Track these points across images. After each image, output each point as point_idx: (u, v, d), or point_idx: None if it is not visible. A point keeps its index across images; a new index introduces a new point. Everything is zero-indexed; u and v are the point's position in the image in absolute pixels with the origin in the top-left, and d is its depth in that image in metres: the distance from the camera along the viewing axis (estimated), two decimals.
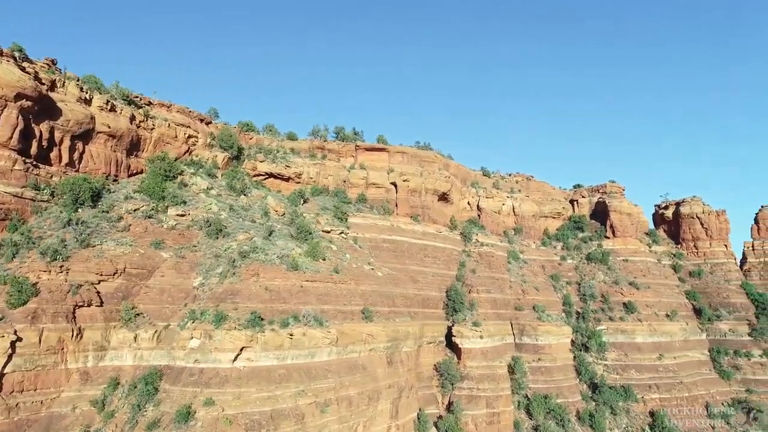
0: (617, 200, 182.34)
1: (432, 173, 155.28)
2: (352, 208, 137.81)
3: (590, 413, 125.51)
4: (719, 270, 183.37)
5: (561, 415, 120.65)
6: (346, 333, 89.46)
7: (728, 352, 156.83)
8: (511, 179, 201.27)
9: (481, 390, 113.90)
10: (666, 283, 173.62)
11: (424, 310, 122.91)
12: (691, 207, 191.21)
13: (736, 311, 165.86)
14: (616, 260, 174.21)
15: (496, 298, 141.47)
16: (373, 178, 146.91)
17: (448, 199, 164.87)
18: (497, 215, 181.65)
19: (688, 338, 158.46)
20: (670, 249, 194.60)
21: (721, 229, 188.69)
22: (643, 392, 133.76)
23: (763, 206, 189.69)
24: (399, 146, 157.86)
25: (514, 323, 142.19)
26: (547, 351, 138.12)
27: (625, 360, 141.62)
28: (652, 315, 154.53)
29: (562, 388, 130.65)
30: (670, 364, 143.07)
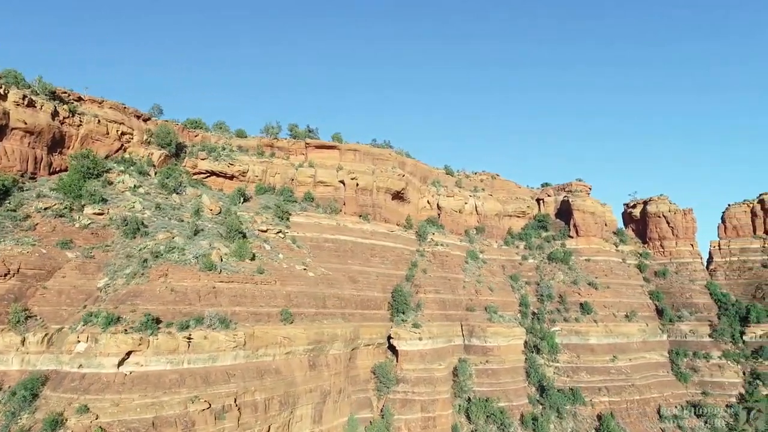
0: (580, 199, 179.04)
1: (385, 171, 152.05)
2: (297, 206, 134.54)
3: (534, 417, 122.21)
4: (685, 270, 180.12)
5: (502, 419, 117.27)
6: (258, 336, 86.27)
7: (687, 353, 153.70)
8: (476, 178, 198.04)
9: (417, 393, 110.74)
10: (629, 283, 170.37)
11: (363, 311, 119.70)
12: (658, 206, 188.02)
13: (698, 312, 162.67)
14: (579, 260, 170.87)
15: (445, 299, 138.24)
16: (321, 176, 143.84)
17: (404, 197, 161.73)
18: (458, 214, 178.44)
19: (647, 339, 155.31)
20: (637, 248, 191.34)
21: (688, 228, 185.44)
22: (593, 395, 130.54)
23: (729, 205, 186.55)
24: (351, 144, 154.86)
25: (464, 324, 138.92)
26: (495, 353, 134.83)
27: (577, 362, 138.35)
28: (610, 316, 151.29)
29: (508, 391, 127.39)
30: (623, 366, 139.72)
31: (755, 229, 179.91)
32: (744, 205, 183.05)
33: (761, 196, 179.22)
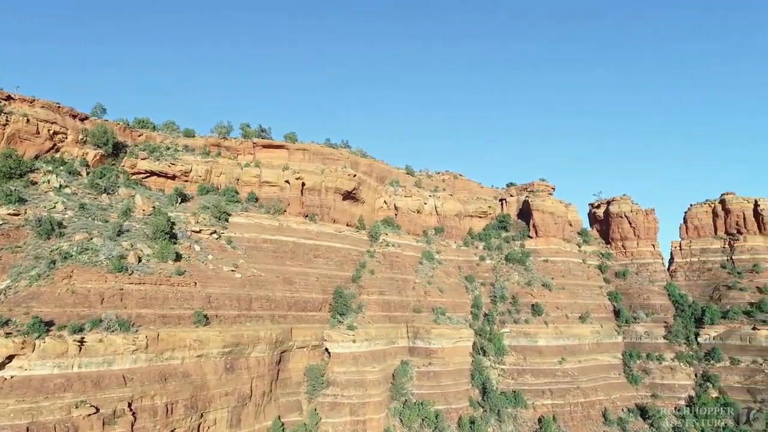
0: (540, 199, 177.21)
1: (334, 171, 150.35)
2: (239, 207, 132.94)
3: (472, 420, 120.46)
4: (645, 270, 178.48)
5: (437, 423, 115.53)
6: (164, 338, 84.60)
7: (641, 355, 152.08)
8: (438, 177, 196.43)
9: (346, 397, 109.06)
10: (587, 284, 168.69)
11: (297, 313, 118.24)
12: (620, 206, 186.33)
13: (655, 313, 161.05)
14: (537, 260, 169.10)
15: (390, 300, 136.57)
16: (266, 176, 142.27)
17: (357, 197, 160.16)
18: (416, 214, 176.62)
19: (601, 341, 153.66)
20: (600, 249, 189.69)
21: (649, 229, 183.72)
22: (536, 398, 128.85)
23: (691, 205, 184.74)
24: (300, 143, 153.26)
25: (410, 326, 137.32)
26: (439, 355, 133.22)
27: (523, 364, 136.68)
28: (562, 317, 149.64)
29: (448, 393, 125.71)
30: (571, 368, 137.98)
31: (716, 229, 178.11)
32: (705, 205, 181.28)
33: (722, 197, 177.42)
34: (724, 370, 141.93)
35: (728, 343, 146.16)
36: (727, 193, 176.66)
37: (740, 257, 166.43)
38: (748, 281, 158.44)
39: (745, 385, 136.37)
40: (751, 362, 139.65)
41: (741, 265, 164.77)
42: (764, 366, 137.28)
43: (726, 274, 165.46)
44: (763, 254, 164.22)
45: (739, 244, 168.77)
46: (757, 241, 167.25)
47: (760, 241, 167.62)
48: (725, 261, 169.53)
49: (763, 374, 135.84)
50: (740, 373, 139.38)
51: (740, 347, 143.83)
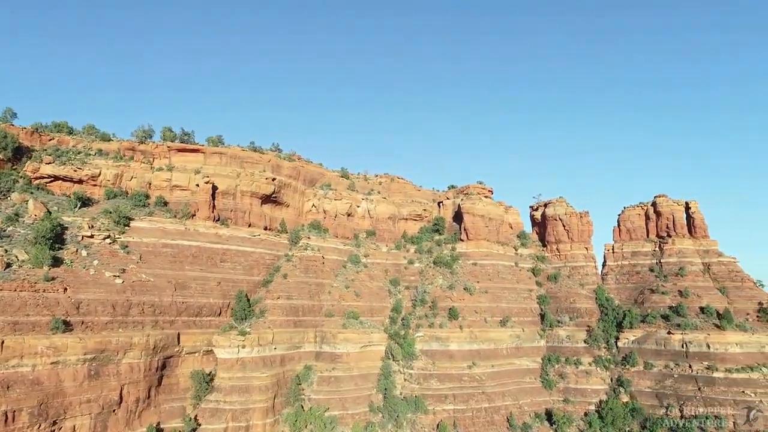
0: (470, 202, 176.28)
1: (251, 175, 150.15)
2: (144, 211, 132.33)
3: (368, 425, 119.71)
4: (577, 273, 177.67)
5: (327, 429, 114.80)
6: (9, 346, 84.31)
7: (560, 359, 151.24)
8: (375, 180, 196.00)
9: (228, 403, 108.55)
10: (515, 288, 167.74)
11: (189, 318, 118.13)
12: (555, 209, 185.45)
13: (580, 317, 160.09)
14: (465, 264, 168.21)
15: (298, 305, 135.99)
16: (177, 180, 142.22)
17: (279, 201, 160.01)
18: (345, 218, 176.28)
19: (521, 345, 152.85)
20: (537, 251, 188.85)
21: (583, 231, 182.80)
22: (437, 403, 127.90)
23: (625, 208, 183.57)
24: (217, 147, 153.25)
25: (318, 330, 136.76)
26: (344, 360, 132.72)
27: (431, 369, 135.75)
28: (480, 321, 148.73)
29: (347, 399, 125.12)
30: (481, 372, 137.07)
31: (648, 232, 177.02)
32: (638, 208, 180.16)
33: (655, 199, 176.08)
34: (638, 374, 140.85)
35: (644, 347, 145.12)
36: (659, 196, 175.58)
37: (668, 260, 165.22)
38: (672, 285, 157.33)
39: (654, 390, 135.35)
40: (664, 367, 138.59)
41: (668, 268, 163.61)
42: (675, 370, 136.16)
43: (653, 278, 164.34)
44: (690, 257, 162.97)
45: (668, 247, 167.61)
46: (686, 244, 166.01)
47: (689, 243, 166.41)
48: (654, 264, 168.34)
49: (672, 379, 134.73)
50: (652, 378, 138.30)
51: (655, 351, 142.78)
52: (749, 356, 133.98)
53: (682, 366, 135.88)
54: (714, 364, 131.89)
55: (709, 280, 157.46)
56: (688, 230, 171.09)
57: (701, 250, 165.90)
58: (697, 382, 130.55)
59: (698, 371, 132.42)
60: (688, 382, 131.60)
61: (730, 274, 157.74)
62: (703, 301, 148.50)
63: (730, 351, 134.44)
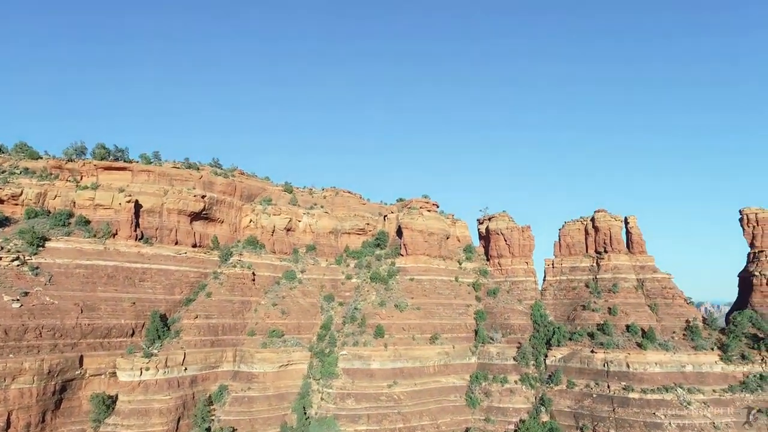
0: (409, 217, 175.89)
1: (178, 193, 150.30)
2: (62, 231, 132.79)
3: None
4: (517, 288, 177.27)
5: None
6: None
7: (487, 377, 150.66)
8: (320, 194, 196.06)
9: (125, 427, 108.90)
10: (452, 303, 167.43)
11: (96, 340, 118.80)
12: (497, 223, 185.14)
13: (512, 333, 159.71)
14: (403, 279, 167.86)
15: (217, 324, 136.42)
16: (100, 199, 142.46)
17: (211, 218, 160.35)
18: (285, 233, 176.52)
19: (449, 362, 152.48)
20: (481, 265, 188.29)
21: (524, 246, 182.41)
22: (351, 423, 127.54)
23: (566, 222, 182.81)
24: (146, 165, 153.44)
25: (238, 350, 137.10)
26: (260, 379, 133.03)
27: (350, 388, 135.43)
28: (407, 339, 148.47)
29: (257, 420, 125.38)
30: (401, 392, 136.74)
31: (587, 247, 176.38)
32: (579, 222, 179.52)
33: (594, 214, 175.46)
34: (560, 393, 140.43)
35: (569, 365, 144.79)
36: (599, 211, 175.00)
37: (603, 276, 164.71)
38: (603, 301, 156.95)
39: (573, 410, 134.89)
40: (585, 386, 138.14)
41: (603, 284, 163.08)
42: (594, 390, 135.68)
43: (588, 294, 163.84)
44: (624, 273, 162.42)
45: (604, 262, 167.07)
46: (621, 260, 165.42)
47: (625, 259, 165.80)
48: (591, 280, 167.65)
49: (591, 399, 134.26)
50: (572, 397, 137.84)
51: (579, 370, 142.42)
52: (668, 376, 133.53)
53: (601, 386, 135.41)
54: (631, 384, 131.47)
55: (642, 297, 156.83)
56: (626, 245, 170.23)
57: (637, 265, 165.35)
58: (612, 402, 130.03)
59: (615, 391, 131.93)
60: (605, 403, 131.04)
61: (662, 290, 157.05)
62: (630, 319, 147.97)
63: (649, 371, 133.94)
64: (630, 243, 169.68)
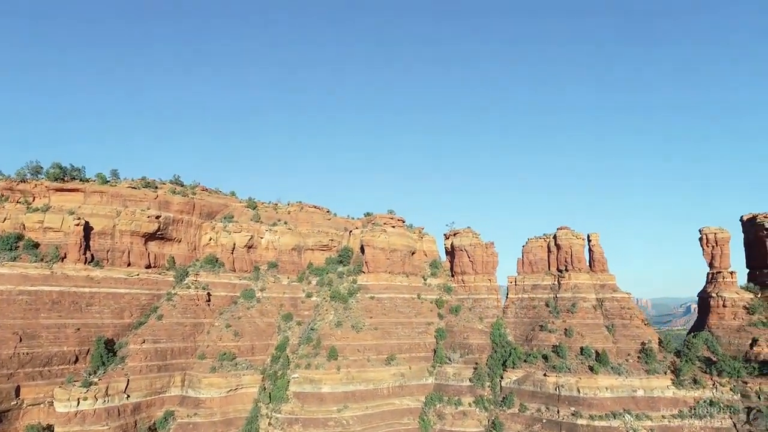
0: (371, 234, 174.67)
1: (131, 214, 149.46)
2: (8, 256, 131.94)
3: None
4: (479, 306, 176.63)
5: None
6: None
7: (443, 398, 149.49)
8: (284, 209, 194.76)
9: None
10: (412, 322, 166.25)
11: (35, 369, 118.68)
12: (461, 239, 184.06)
13: (470, 353, 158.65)
14: (363, 297, 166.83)
15: (166, 348, 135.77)
16: (50, 222, 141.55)
17: (167, 237, 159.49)
18: (246, 250, 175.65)
19: (405, 384, 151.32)
20: (446, 281, 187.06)
21: (487, 263, 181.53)
22: None
23: (529, 239, 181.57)
24: (99, 186, 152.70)
25: (187, 374, 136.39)
26: (207, 405, 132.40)
27: (299, 413, 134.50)
28: (361, 360, 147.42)
29: None
30: (351, 416, 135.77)
31: (549, 265, 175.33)
32: (541, 239, 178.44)
33: (557, 232, 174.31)
34: (512, 417, 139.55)
35: (523, 388, 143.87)
36: (561, 228, 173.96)
37: (563, 295, 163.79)
38: (561, 322, 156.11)
39: None
40: (536, 410, 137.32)
41: (562, 303, 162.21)
42: (545, 415, 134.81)
43: (547, 313, 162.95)
44: (584, 293, 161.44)
45: (564, 281, 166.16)
46: (582, 279, 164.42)
47: (585, 278, 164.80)
48: (551, 299, 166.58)
49: (540, 424, 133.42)
50: (523, 422, 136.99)
51: (532, 393, 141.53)
52: (618, 401, 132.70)
53: (552, 410, 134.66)
54: (580, 410, 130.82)
55: (600, 317, 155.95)
56: (589, 263, 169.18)
57: (597, 284, 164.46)
58: (561, 428, 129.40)
59: (564, 417, 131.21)
60: (553, 428, 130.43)
61: (621, 311, 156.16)
62: (585, 341, 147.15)
63: (599, 396, 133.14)
64: (592, 261, 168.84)
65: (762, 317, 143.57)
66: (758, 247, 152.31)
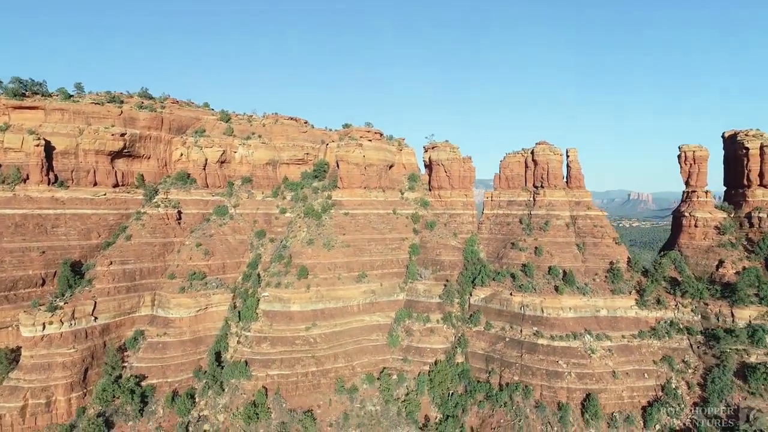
0: (345, 149, 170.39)
1: (95, 132, 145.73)
2: None
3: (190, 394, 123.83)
4: (454, 221, 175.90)
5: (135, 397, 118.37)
6: None
7: (412, 315, 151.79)
8: (259, 122, 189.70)
9: (27, 381, 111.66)
10: (385, 238, 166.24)
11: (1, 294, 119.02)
12: (438, 153, 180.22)
13: (442, 270, 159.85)
14: (337, 214, 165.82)
15: (134, 269, 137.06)
16: (10, 142, 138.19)
17: (135, 155, 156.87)
18: (218, 165, 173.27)
19: (376, 300, 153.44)
20: (423, 196, 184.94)
21: (464, 178, 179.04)
22: (263, 368, 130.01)
23: (507, 154, 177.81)
24: (60, 102, 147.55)
25: (157, 294, 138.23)
26: (177, 324, 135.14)
27: (268, 331, 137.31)
28: (332, 278, 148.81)
29: (170, 366, 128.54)
30: (317, 334, 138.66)
31: (526, 180, 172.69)
32: (519, 155, 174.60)
33: (534, 147, 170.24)
34: (477, 334, 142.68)
35: (490, 306, 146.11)
36: (540, 143, 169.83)
37: (537, 212, 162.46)
38: (533, 239, 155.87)
39: (486, 353, 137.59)
40: (500, 329, 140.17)
41: (536, 220, 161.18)
42: (508, 333, 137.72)
43: (520, 230, 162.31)
44: (558, 210, 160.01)
45: (539, 197, 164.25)
46: (556, 196, 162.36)
47: (560, 195, 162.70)
48: (525, 215, 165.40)
49: (503, 342, 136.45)
50: (488, 340, 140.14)
51: (498, 312, 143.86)
52: (581, 321, 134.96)
53: (515, 329, 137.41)
54: (542, 330, 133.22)
55: (572, 235, 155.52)
56: (566, 179, 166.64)
57: (572, 201, 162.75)
58: (522, 348, 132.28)
59: (526, 336, 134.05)
60: (515, 348, 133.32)
61: (593, 229, 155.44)
62: (555, 260, 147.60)
63: (562, 316, 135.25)
64: (569, 177, 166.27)
65: (732, 237, 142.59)
66: (736, 166, 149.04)
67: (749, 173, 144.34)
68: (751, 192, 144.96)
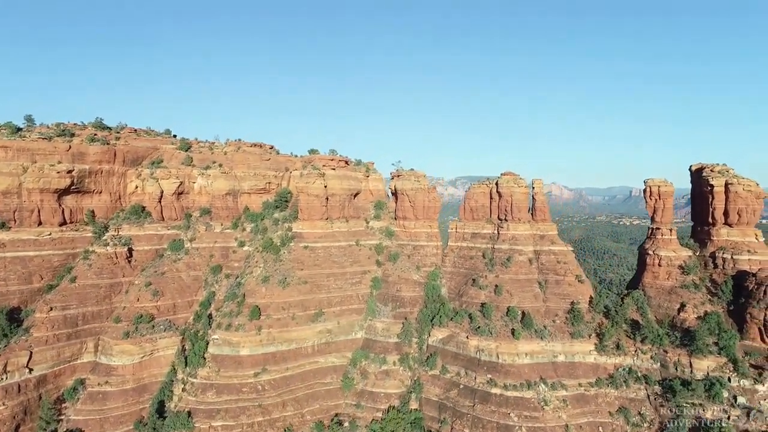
0: (305, 180, 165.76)
1: (40, 170, 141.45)
2: None
3: None
4: (418, 253, 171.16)
5: None
6: None
7: (369, 355, 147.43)
8: (220, 150, 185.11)
9: None
10: (346, 272, 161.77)
11: None
12: (403, 182, 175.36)
13: (402, 306, 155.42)
14: (297, 247, 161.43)
15: (75, 315, 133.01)
16: None
17: (85, 190, 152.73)
18: (175, 197, 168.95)
19: (332, 340, 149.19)
20: (389, 225, 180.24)
21: (428, 208, 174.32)
22: (207, 419, 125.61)
23: (472, 185, 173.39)
24: (4, 139, 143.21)
25: (100, 340, 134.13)
26: (119, 372, 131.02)
27: (214, 378, 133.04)
28: (285, 319, 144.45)
29: (109, 418, 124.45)
30: (266, 380, 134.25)
31: (491, 212, 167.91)
32: (484, 185, 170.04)
33: (499, 178, 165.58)
34: (433, 379, 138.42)
35: (447, 348, 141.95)
36: (505, 174, 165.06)
37: (501, 246, 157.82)
38: (494, 276, 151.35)
39: (440, 400, 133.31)
40: (456, 374, 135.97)
41: (498, 255, 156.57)
42: (462, 380, 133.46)
43: (483, 265, 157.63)
44: (521, 245, 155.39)
45: (503, 231, 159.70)
46: (521, 230, 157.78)
47: (524, 229, 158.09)
48: (489, 249, 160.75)
49: (457, 390, 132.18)
50: (442, 385, 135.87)
51: (454, 355, 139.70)
52: (537, 368, 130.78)
53: (470, 375, 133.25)
54: (496, 377, 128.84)
55: (534, 272, 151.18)
56: (531, 214, 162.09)
57: (537, 234, 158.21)
58: (474, 397, 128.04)
59: (480, 384, 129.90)
60: (468, 396, 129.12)
61: (556, 265, 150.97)
62: (514, 300, 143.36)
63: (518, 362, 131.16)
64: (534, 209, 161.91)
65: (696, 278, 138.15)
66: (701, 203, 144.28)
67: (713, 211, 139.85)
68: (716, 231, 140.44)
